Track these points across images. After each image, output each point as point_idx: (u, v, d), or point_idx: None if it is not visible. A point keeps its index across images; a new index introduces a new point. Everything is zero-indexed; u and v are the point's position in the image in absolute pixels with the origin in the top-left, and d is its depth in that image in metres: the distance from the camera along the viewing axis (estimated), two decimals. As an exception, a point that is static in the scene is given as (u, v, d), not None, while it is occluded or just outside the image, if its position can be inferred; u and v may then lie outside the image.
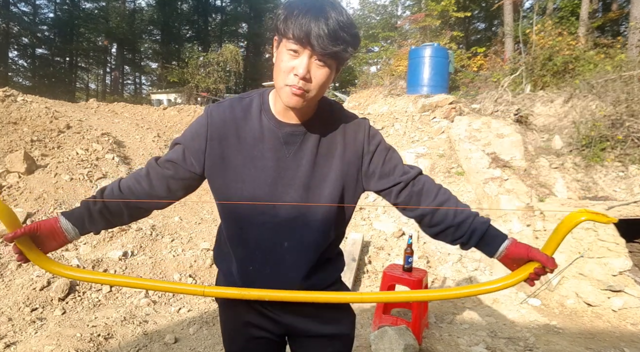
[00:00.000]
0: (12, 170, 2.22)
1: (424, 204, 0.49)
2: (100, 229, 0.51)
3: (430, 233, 0.52)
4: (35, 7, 13.57)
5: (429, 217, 0.50)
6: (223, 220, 0.51)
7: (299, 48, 0.42)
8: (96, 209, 0.49)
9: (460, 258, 2.12)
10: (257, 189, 0.47)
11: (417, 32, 7.29)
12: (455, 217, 0.49)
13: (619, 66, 3.15)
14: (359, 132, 0.50)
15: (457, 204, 0.50)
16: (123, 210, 0.50)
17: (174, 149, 0.50)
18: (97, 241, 1.89)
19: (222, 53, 9.58)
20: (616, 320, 1.57)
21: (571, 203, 2.00)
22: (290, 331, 0.53)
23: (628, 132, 2.49)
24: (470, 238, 0.49)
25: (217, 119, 0.48)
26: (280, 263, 0.49)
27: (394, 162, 0.50)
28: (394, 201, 0.51)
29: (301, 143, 0.47)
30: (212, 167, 0.48)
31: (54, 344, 1.20)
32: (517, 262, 0.48)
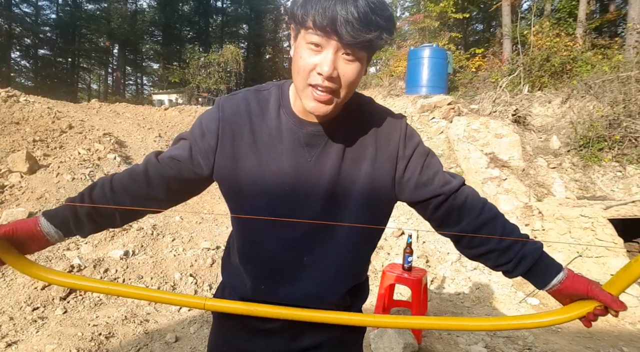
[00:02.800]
0: (15, 170, 2.23)
1: (465, 222, 0.40)
2: (87, 233, 0.42)
3: (469, 255, 0.43)
4: (38, 8, 13.64)
5: (470, 238, 0.41)
6: (234, 231, 0.44)
7: (322, 40, 0.33)
8: (83, 211, 0.41)
9: (460, 258, 2.13)
10: (273, 197, 0.39)
11: (416, 33, 7.33)
12: (501, 241, 0.40)
13: (617, 67, 3.18)
14: (394, 133, 0.41)
15: (505, 224, 0.41)
16: (114, 212, 0.42)
17: (179, 145, 0.42)
18: (98, 240, 1.90)
19: (223, 54, 9.63)
20: (614, 319, 1.58)
21: (569, 203, 2.01)
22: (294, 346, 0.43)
23: (625, 132, 2.50)
24: (517, 267, 0.40)
25: (229, 113, 0.41)
26: (298, 280, 0.41)
27: (434, 170, 0.42)
28: (430, 215, 0.42)
29: (325, 145, 0.39)
30: (223, 169, 0.40)
31: (55, 343, 1.20)
32: (570, 296, 0.40)
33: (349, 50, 0.34)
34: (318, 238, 0.40)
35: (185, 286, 1.72)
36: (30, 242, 0.41)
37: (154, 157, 0.43)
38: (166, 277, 1.75)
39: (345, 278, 0.42)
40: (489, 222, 0.41)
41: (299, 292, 0.41)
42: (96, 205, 0.41)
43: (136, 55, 16.21)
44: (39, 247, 0.42)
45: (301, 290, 0.41)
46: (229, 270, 0.46)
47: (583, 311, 0.38)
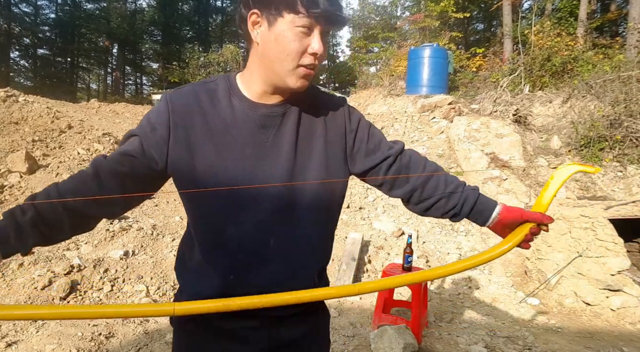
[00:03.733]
0: (14, 170, 2.23)
1: (414, 178, 0.45)
2: (30, 246, 0.36)
3: (421, 209, 0.47)
4: (37, 8, 13.60)
5: (419, 191, 0.45)
6: (194, 224, 0.41)
7: (309, 22, 0.36)
8: (26, 219, 0.36)
9: (460, 257, 2.12)
10: (234, 182, 0.38)
11: (417, 32, 7.32)
12: (446, 188, 0.45)
13: (618, 67, 3.17)
14: (339, 111, 0.45)
15: (446, 175, 0.46)
16: (63, 218, 0.37)
17: (129, 142, 0.40)
18: (98, 240, 1.90)
19: (222, 53, 9.61)
20: (615, 319, 1.57)
21: (569, 203, 2.01)
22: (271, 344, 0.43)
23: (626, 132, 2.50)
24: (462, 208, 0.45)
25: (179, 105, 0.40)
26: (267, 264, 0.40)
27: (378, 137, 0.46)
28: (383, 177, 0.45)
29: (280, 125, 0.41)
30: (178, 161, 0.39)
31: (55, 343, 1.20)
32: (509, 227, 0.44)
33: (326, 30, 0.38)
34: (282, 218, 0.40)
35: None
36: None
37: (102, 158, 0.40)
38: (166, 277, 1.74)
39: (314, 256, 0.43)
40: (433, 176, 0.46)
41: (270, 277, 0.40)
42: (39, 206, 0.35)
43: (135, 55, 16.18)
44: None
45: (272, 274, 0.41)
46: (188, 276, 0.44)
47: (522, 235, 0.43)
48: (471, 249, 2.17)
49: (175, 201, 2.53)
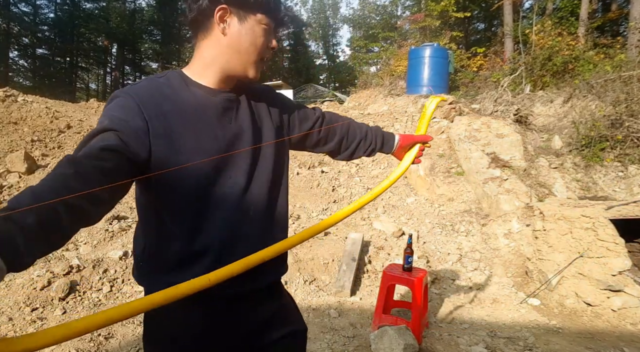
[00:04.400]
0: (13, 170, 2.22)
1: (339, 130, 0.58)
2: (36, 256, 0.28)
3: (348, 154, 0.61)
4: (36, 7, 13.57)
5: (345, 139, 0.59)
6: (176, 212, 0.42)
7: (270, 21, 0.44)
8: (30, 221, 0.28)
9: (460, 258, 2.12)
10: (215, 163, 0.42)
11: (417, 32, 7.32)
12: (361, 131, 0.60)
13: (619, 66, 3.16)
14: (271, 94, 0.54)
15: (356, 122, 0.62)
16: (61, 216, 0.30)
17: (104, 138, 0.37)
18: (98, 240, 1.89)
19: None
20: (616, 320, 1.57)
21: (570, 203, 2.00)
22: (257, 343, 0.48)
23: (627, 132, 2.48)
24: (376, 143, 0.61)
25: (145, 97, 0.40)
26: (251, 233, 0.45)
27: (303, 108, 0.57)
28: (317, 137, 0.57)
29: (238, 108, 0.47)
30: (162, 151, 0.39)
31: (55, 343, 1.20)
32: (405, 150, 0.63)
33: (280, 26, 0.46)
34: (256, 186, 0.47)
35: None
36: None
37: (77, 157, 0.35)
38: (166, 277, 1.74)
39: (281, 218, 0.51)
40: (350, 124, 0.60)
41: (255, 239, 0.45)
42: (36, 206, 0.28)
43: (135, 55, 16.17)
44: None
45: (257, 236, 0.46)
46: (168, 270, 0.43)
47: (414, 154, 0.63)
48: (471, 249, 2.16)
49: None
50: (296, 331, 0.53)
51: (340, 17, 16.63)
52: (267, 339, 0.50)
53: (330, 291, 1.77)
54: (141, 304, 0.32)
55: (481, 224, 2.27)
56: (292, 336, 0.52)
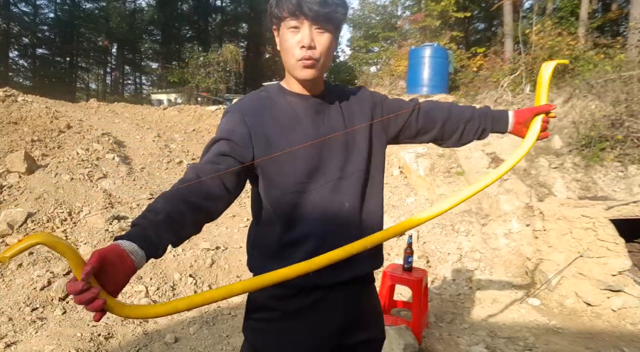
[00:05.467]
0: (13, 170, 2.22)
1: (439, 116, 0.57)
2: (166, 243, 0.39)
3: (456, 139, 0.58)
4: (36, 7, 13.57)
5: (449, 124, 0.57)
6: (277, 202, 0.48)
7: (297, 22, 0.46)
8: (160, 218, 0.39)
9: (460, 258, 2.12)
10: (309, 160, 0.48)
11: (417, 32, 7.31)
12: (464, 112, 0.58)
13: (619, 66, 3.15)
14: (364, 93, 0.57)
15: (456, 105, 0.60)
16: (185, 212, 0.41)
17: (217, 145, 0.47)
18: (98, 240, 1.89)
19: (222, 53, 9.59)
20: (616, 320, 1.57)
21: (570, 203, 2.00)
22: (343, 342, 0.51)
23: (627, 132, 2.48)
24: (486, 122, 0.57)
25: (247, 109, 0.50)
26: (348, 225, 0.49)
27: (398, 100, 0.59)
28: (415, 128, 0.57)
29: (328, 110, 0.52)
30: (262, 154, 0.48)
31: (55, 343, 1.20)
32: (525, 125, 0.57)
33: (318, 25, 0.46)
34: (350, 185, 0.50)
35: (184, 286, 1.71)
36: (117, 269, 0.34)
37: (199, 164, 0.46)
38: (165, 277, 1.74)
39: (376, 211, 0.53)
40: (452, 107, 0.58)
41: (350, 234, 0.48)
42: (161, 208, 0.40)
43: (135, 55, 16.17)
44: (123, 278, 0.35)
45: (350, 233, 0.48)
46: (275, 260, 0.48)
47: (539, 127, 0.56)
48: (471, 249, 2.16)
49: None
50: (377, 338, 0.55)
51: (340, 17, 16.59)
52: (353, 339, 0.52)
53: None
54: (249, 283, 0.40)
55: (481, 224, 2.27)
56: (373, 342, 0.54)
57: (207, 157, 0.47)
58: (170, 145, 3.48)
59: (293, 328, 0.49)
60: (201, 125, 4.41)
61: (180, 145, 3.52)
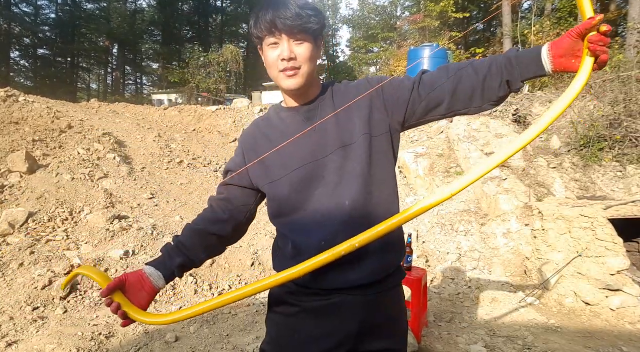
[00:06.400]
0: (14, 170, 2.23)
1: (446, 83, 0.46)
2: (179, 267, 0.52)
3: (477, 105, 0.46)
4: (37, 8, 13.62)
5: (461, 90, 0.45)
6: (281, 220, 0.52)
7: (275, 38, 0.47)
8: (174, 246, 0.53)
9: (459, 257, 2.13)
10: (303, 166, 0.49)
11: (416, 32, 7.34)
12: (482, 68, 0.44)
13: (617, 67, 3.16)
14: (362, 84, 0.53)
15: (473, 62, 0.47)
16: (195, 241, 0.53)
17: (225, 177, 0.56)
18: (99, 240, 1.90)
19: (222, 54, 9.62)
20: (614, 319, 1.57)
21: (569, 203, 2.01)
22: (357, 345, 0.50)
23: (626, 132, 2.49)
24: (511, 72, 0.42)
25: (246, 136, 0.57)
26: (348, 221, 0.48)
27: (401, 80, 0.51)
28: (420, 104, 0.48)
29: (320, 113, 0.52)
30: (256, 171, 0.52)
31: (56, 343, 1.20)
32: (571, 54, 0.39)
33: (295, 38, 0.47)
34: (349, 180, 0.49)
35: (185, 286, 1.72)
36: (139, 290, 0.49)
37: (212, 197, 0.57)
38: (166, 277, 1.75)
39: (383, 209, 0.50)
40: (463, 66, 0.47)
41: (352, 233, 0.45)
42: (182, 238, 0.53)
43: (136, 55, 16.20)
44: (147, 296, 0.50)
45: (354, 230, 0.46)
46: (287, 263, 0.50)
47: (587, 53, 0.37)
48: (471, 248, 2.17)
49: (176, 201, 2.53)
50: (394, 350, 0.53)
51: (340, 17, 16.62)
52: (369, 346, 0.50)
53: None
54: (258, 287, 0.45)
55: (480, 224, 2.27)
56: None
57: (217, 189, 0.57)
58: (171, 145, 3.48)
59: (308, 325, 0.50)
60: (202, 126, 4.42)
61: (180, 145, 3.53)
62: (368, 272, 0.48)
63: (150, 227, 2.08)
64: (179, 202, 2.51)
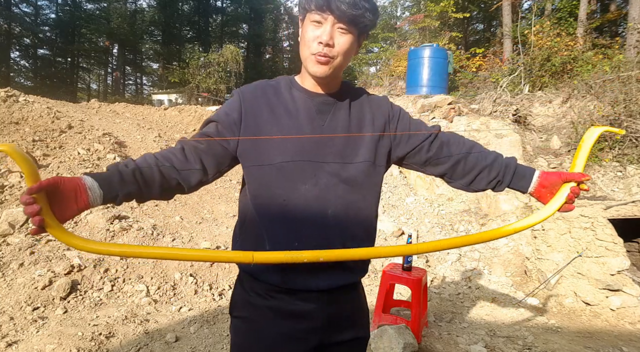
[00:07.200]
0: (14, 170, 2.23)
1: (456, 150, 0.51)
2: (126, 194, 0.43)
3: (466, 182, 0.52)
4: (37, 8, 13.61)
5: (463, 163, 0.51)
6: (259, 203, 0.47)
7: (321, 17, 0.44)
8: (129, 170, 0.43)
9: (459, 257, 2.13)
10: (297, 158, 0.46)
11: (417, 33, 7.34)
12: (486, 158, 0.51)
13: (617, 67, 3.17)
14: (383, 103, 0.53)
15: (483, 147, 0.52)
16: (155, 176, 0.45)
17: (208, 126, 0.49)
18: (98, 240, 1.90)
19: (222, 54, 9.62)
20: (614, 319, 1.57)
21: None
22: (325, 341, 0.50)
23: (626, 132, 2.51)
24: (504, 175, 0.50)
25: (249, 95, 0.50)
26: (326, 232, 0.47)
27: (419, 122, 0.53)
28: (425, 155, 0.51)
29: (334, 112, 0.49)
30: (248, 142, 0.47)
31: (56, 343, 1.20)
32: (550, 191, 0.48)
33: (342, 24, 0.45)
34: (338, 191, 0.47)
35: (185, 285, 1.72)
36: (70, 201, 0.38)
37: (187, 139, 0.50)
38: (166, 277, 1.75)
39: (362, 226, 0.50)
40: (475, 145, 0.52)
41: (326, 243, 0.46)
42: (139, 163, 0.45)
43: (136, 55, 16.19)
44: (75, 210, 0.39)
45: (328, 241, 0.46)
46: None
47: (564, 197, 0.47)
48: (471, 248, 2.17)
49: (176, 201, 2.53)
50: (360, 337, 0.53)
51: (340, 17, 16.63)
52: (336, 338, 0.50)
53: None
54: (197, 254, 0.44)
55: (480, 224, 2.28)
56: (356, 341, 0.53)
57: (196, 134, 0.50)
58: (171, 145, 3.47)
59: (272, 325, 0.48)
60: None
61: (180, 146, 3.55)
62: (336, 279, 0.49)
63: (150, 227, 2.08)
64: (178, 202, 2.51)
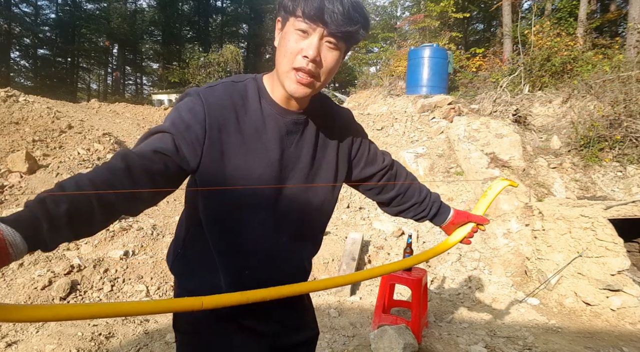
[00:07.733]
0: (14, 170, 2.23)
1: (399, 184, 0.55)
2: (59, 242, 0.31)
3: (397, 211, 0.58)
4: (37, 8, 13.62)
5: (401, 197, 0.56)
6: (212, 225, 0.43)
7: (309, 27, 0.37)
8: (61, 210, 0.30)
9: (460, 257, 2.13)
10: (259, 185, 0.41)
11: (417, 32, 7.34)
12: (420, 194, 0.57)
13: (617, 67, 3.17)
14: (348, 123, 0.50)
15: (419, 183, 0.58)
16: (95, 212, 0.32)
17: (159, 138, 0.38)
18: (99, 240, 1.90)
19: (222, 54, 9.63)
20: (615, 319, 1.57)
21: (569, 203, 2.01)
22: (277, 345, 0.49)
23: (626, 132, 2.49)
24: (429, 212, 0.57)
25: (215, 105, 0.40)
26: (278, 258, 0.45)
27: (374, 150, 0.55)
28: (374, 184, 0.54)
29: (302, 132, 0.44)
30: (211, 163, 0.40)
31: (55, 343, 1.20)
32: (457, 226, 0.58)
33: (332, 39, 0.39)
34: (295, 219, 0.46)
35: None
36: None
37: (130, 153, 0.37)
38: (166, 277, 1.75)
39: (313, 249, 0.52)
40: (412, 184, 0.57)
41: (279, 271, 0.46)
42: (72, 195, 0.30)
43: (136, 55, 16.20)
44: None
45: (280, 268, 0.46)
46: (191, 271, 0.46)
47: (466, 233, 0.57)
48: (471, 248, 2.17)
49: (175, 201, 2.53)
50: (311, 337, 0.55)
51: (340, 17, 16.66)
52: (288, 341, 0.51)
53: (330, 290, 1.79)
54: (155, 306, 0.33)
55: (480, 224, 2.27)
56: (308, 341, 0.54)
57: (143, 147, 0.38)
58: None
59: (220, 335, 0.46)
60: (201, 126, 4.41)
61: (180, 146, 3.54)
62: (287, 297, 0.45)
63: (150, 227, 2.09)
64: (178, 202, 2.51)
